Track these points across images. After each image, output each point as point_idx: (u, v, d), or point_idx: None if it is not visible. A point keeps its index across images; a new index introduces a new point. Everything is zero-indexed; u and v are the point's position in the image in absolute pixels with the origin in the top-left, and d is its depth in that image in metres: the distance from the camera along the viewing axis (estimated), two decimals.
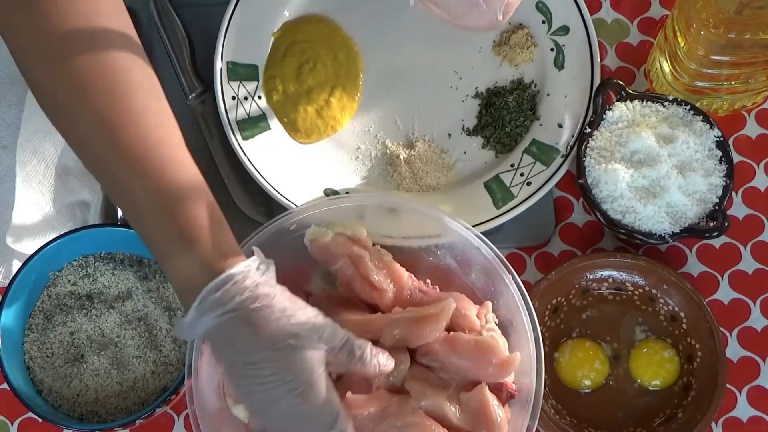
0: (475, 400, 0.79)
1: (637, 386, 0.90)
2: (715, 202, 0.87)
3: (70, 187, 0.93)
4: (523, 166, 0.94)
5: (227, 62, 0.96)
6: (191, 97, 0.98)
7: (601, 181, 0.88)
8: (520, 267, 0.95)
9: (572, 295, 0.92)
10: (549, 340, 0.90)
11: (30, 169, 0.92)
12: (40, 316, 0.88)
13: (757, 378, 0.92)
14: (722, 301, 0.94)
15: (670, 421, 0.88)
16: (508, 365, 0.80)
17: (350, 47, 0.99)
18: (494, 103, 0.96)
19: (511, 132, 0.95)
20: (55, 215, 0.92)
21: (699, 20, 0.84)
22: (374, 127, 0.97)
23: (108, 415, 0.86)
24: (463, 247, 0.85)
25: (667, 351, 0.90)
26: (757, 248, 0.95)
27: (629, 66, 1.01)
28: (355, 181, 0.95)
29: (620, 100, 0.91)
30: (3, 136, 0.95)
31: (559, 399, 0.89)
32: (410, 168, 0.94)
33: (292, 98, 0.96)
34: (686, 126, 0.89)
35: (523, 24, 0.98)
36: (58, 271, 0.89)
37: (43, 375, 0.86)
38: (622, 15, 1.02)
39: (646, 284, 0.91)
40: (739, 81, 0.90)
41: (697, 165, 0.88)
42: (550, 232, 0.96)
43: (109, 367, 0.86)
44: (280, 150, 0.95)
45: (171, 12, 0.99)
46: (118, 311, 0.87)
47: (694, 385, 0.89)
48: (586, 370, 0.90)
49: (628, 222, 0.87)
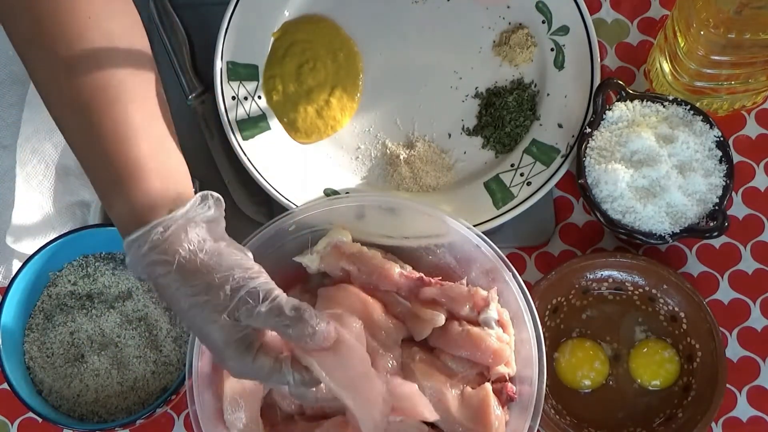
0: (478, 398, 0.80)
1: (637, 386, 0.90)
2: (715, 202, 0.87)
3: (70, 187, 0.93)
4: (523, 166, 0.94)
5: (227, 62, 0.96)
6: (191, 97, 0.98)
7: (601, 181, 0.88)
8: (520, 267, 0.95)
9: (572, 295, 0.92)
10: (549, 340, 0.90)
11: (30, 169, 0.92)
12: (40, 316, 0.88)
13: (757, 378, 0.92)
14: (722, 301, 0.94)
15: (670, 421, 0.88)
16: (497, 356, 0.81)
17: (350, 47, 0.99)
18: (494, 103, 0.96)
19: (511, 132, 0.95)
20: (55, 215, 0.92)
21: (699, 20, 0.84)
22: (374, 127, 0.97)
23: (108, 415, 0.86)
24: (463, 246, 0.85)
25: (667, 351, 0.90)
26: (757, 248, 0.95)
27: (629, 66, 1.01)
28: (355, 181, 0.95)
29: (620, 100, 0.91)
30: (3, 136, 0.95)
31: (559, 399, 0.89)
32: (410, 168, 0.94)
33: (292, 98, 0.96)
34: (686, 126, 0.89)
35: (523, 24, 0.98)
36: (59, 271, 0.89)
37: (43, 375, 0.86)
38: (622, 15, 1.02)
39: (646, 284, 0.91)
40: (739, 81, 0.90)
41: (697, 165, 0.88)
42: (550, 232, 0.96)
43: (109, 367, 0.86)
44: (280, 150, 0.95)
45: (171, 12, 0.99)
46: (119, 311, 0.87)
47: (694, 385, 0.89)
48: (586, 370, 0.90)
49: (628, 222, 0.87)
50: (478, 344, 0.81)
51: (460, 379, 0.82)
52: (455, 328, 0.82)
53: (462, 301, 0.83)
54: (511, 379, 0.83)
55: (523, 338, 0.83)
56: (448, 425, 0.81)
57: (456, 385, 0.81)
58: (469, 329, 0.82)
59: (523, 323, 0.82)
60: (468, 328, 0.82)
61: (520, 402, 0.81)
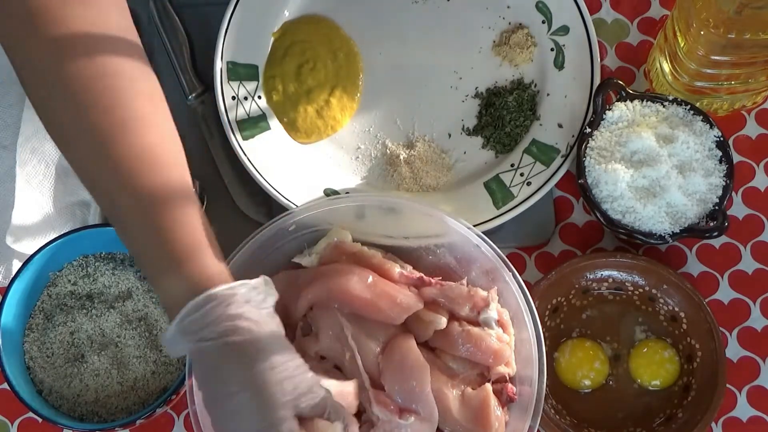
0: (478, 399, 0.80)
1: (637, 386, 0.90)
2: (715, 202, 0.87)
3: (70, 187, 0.93)
4: (523, 166, 0.94)
5: (227, 62, 0.96)
6: (191, 97, 0.98)
7: (601, 181, 0.88)
8: (520, 267, 0.95)
9: (572, 295, 0.92)
10: (549, 340, 0.90)
11: (30, 169, 0.92)
12: (40, 316, 0.88)
13: (757, 378, 0.92)
14: (722, 301, 0.94)
15: (670, 421, 0.88)
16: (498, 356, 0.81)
17: (350, 47, 0.99)
18: (494, 103, 0.96)
19: (511, 132, 0.95)
20: (55, 215, 0.92)
21: (699, 20, 0.84)
22: (374, 127, 0.97)
23: (108, 415, 0.86)
24: (464, 246, 0.85)
25: (667, 351, 0.90)
26: (757, 248, 0.95)
27: (629, 66, 1.01)
28: (355, 181, 0.95)
29: (620, 100, 0.91)
30: (3, 136, 0.95)
31: (559, 399, 0.89)
32: (410, 168, 0.94)
33: (292, 98, 0.96)
34: (686, 126, 0.89)
35: (523, 24, 0.98)
36: (59, 271, 0.89)
37: (43, 375, 0.86)
38: (622, 15, 1.02)
39: (646, 284, 0.91)
40: (739, 81, 0.90)
41: (697, 165, 0.88)
42: (550, 232, 0.96)
43: (109, 367, 0.86)
44: (280, 150, 0.95)
45: (171, 12, 0.99)
46: (119, 311, 0.87)
47: (694, 385, 0.89)
48: (586, 370, 0.90)
49: (628, 222, 0.87)
50: (479, 344, 0.81)
51: (462, 379, 0.82)
52: (455, 329, 0.82)
53: (462, 301, 0.83)
54: (511, 379, 0.83)
55: (523, 338, 0.83)
56: (449, 426, 0.81)
57: (457, 385, 0.81)
58: (470, 329, 0.82)
59: (523, 323, 0.83)
60: (468, 329, 0.82)
61: (520, 402, 0.81)
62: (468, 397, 0.81)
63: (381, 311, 0.81)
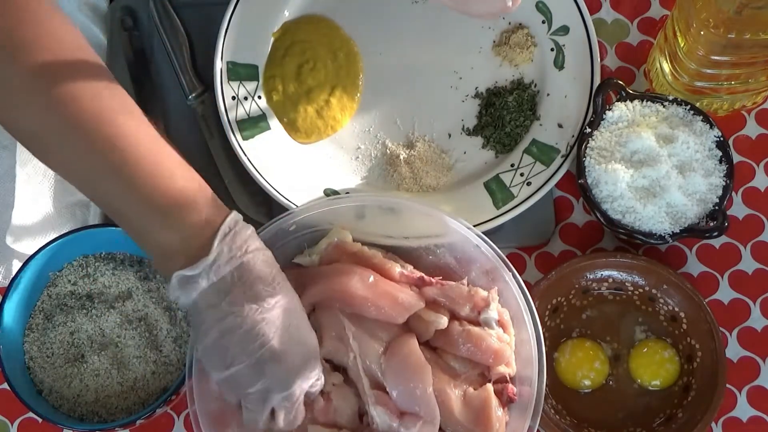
0: (479, 399, 0.80)
1: (637, 386, 0.90)
2: (715, 202, 0.87)
3: (70, 187, 0.92)
4: (523, 166, 0.94)
5: (227, 62, 0.96)
6: (191, 97, 0.98)
7: (601, 181, 0.88)
8: (520, 267, 0.95)
9: (572, 295, 0.92)
10: (549, 340, 0.90)
11: (30, 169, 0.92)
12: (40, 316, 0.88)
13: (757, 378, 0.92)
14: (722, 301, 0.94)
15: (670, 421, 0.88)
16: (498, 356, 0.81)
17: (350, 47, 0.99)
18: (494, 103, 0.96)
19: (511, 132, 0.95)
20: (55, 215, 0.92)
21: (699, 20, 0.84)
22: (374, 127, 0.97)
23: (108, 415, 0.86)
24: (464, 246, 0.85)
25: (667, 351, 0.90)
26: (757, 248, 0.95)
27: (629, 66, 1.01)
28: (355, 181, 0.95)
29: (620, 100, 0.91)
30: (3, 136, 0.95)
31: (559, 399, 0.89)
32: (410, 168, 0.94)
33: (292, 98, 0.96)
34: (686, 126, 0.89)
35: (523, 24, 0.98)
36: (58, 271, 0.89)
37: (43, 375, 0.86)
38: (622, 15, 1.02)
39: (646, 284, 0.91)
40: (739, 81, 0.90)
41: (697, 165, 0.88)
42: (550, 232, 0.96)
43: (109, 367, 0.86)
44: (280, 150, 0.95)
45: (171, 12, 0.99)
46: (119, 311, 0.87)
47: (694, 385, 0.89)
48: (586, 370, 0.90)
49: (628, 222, 0.87)
50: (479, 344, 0.81)
51: (464, 380, 0.82)
52: (456, 328, 0.82)
53: (462, 301, 0.83)
54: (512, 379, 0.83)
55: (523, 338, 0.83)
56: (450, 426, 0.81)
57: (459, 386, 0.81)
58: (470, 329, 0.82)
59: (523, 323, 0.83)
60: (469, 328, 0.82)
61: (520, 402, 0.81)
62: (470, 397, 0.81)
63: (382, 311, 0.81)
